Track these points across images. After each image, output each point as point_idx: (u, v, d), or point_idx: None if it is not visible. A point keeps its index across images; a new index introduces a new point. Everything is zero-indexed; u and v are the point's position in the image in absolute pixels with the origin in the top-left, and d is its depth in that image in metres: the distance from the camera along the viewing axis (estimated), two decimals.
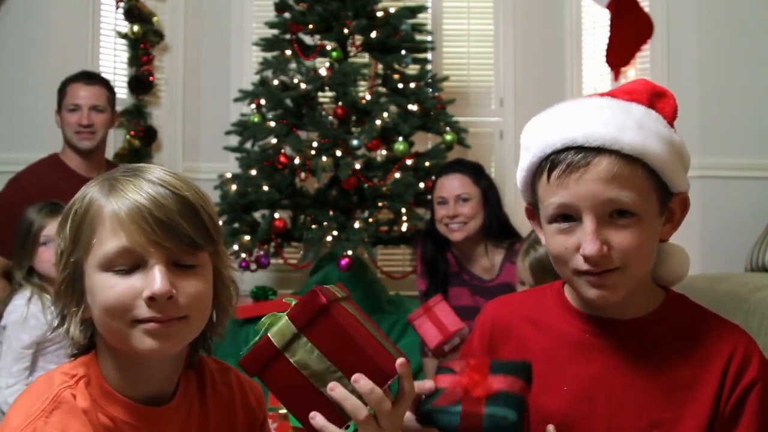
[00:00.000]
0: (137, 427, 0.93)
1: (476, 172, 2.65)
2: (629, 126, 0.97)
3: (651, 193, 0.99)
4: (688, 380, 1.01)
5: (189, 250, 0.91)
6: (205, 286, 0.94)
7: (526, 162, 1.05)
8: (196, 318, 0.93)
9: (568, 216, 1.00)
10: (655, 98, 1.05)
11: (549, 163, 1.00)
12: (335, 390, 0.90)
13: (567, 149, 0.98)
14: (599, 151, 0.96)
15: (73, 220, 0.92)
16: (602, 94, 1.07)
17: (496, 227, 2.57)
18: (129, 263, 0.89)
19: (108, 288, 0.89)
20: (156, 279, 0.88)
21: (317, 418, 0.91)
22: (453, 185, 2.59)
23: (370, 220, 3.35)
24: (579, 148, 0.97)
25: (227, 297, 1.00)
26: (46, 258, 2.20)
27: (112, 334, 0.91)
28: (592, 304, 1.05)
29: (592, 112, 1.00)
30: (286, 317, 0.92)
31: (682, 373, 1.01)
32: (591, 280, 0.99)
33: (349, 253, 3.12)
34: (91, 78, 2.92)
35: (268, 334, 0.92)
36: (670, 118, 1.04)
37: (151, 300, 0.88)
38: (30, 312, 2.15)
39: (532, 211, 1.10)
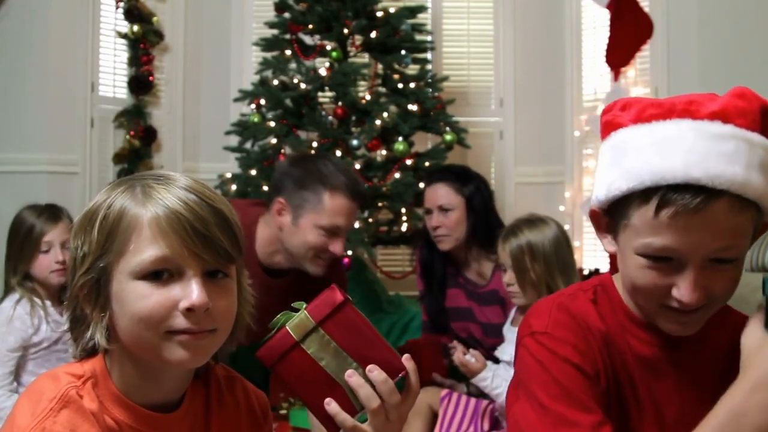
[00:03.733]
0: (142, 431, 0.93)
1: (461, 179, 2.54)
2: (755, 165, 0.89)
3: (751, 230, 0.94)
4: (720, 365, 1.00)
5: (223, 262, 0.92)
6: (233, 299, 0.95)
7: (624, 184, 0.94)
8: (223, 331, 0.94)
9: (665, 257, 0.93)
10: (766, 117, 0.94)
11: (660, 198, 0.90)
12: (353, 377, 0.94)
13: (686, 187, 0.89)
14: (721, 193, 0.88)
15: (102, 225, 0.90)
16: (714, 113, 0.93)
17: (481, 235, 2.50)
18: (165, 273, 0.89)
19: (143, 297, 0.88)
20: (195, 291, 0.88)
21: (332, 405, 0.94)
22: (435, 195, 2.52)
23: (370, 220, 3.35)
24: (700, 189, 0.88)
25: (247, 309, 1.00)
26: (46, 264, 2.15)
27: (140, 344, 0.90)
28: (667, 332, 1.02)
29: (713, 143, 0.90)
30: (305, 311, 0.96)
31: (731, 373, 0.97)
32: (678, 318, 0.97)
33: (349, 253, 3.12)
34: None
35: (287, 327, 0.96)
36: None
37: (188, 311, 0.88)
38: (16, 314, 2.10)
39: (602, 218, 1.03)
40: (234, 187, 3.41)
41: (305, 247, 2.02)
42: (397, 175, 3.32)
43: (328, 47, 3.52)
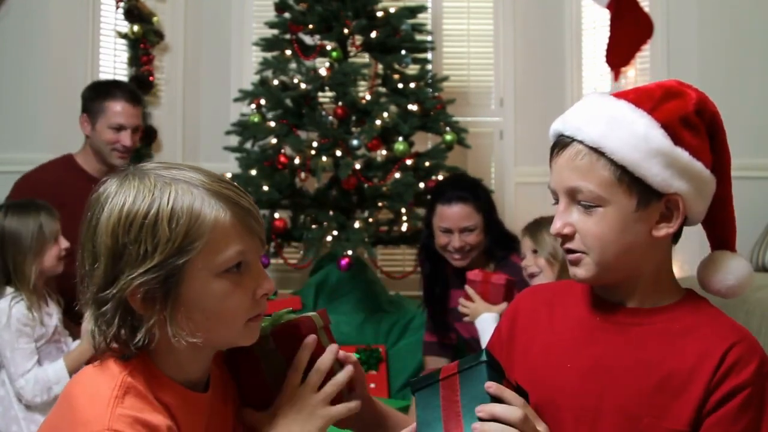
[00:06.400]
0: (186, 411, 0.95)
1: (476, 197, 2.57)
2: (597, 118, 1.02)
3: (617, 186, 1.01)
4: (679, 373, 1.01)
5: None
6: None
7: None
8: None
9: (557, 200, 1.08)
10: (666, 98, 1.05)
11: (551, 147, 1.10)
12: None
13: (559, 136, 1.07)
14: (573, 139, 1.04)
15: (176, 223, 0.90)
16: (617, 94, 1.08)
17: (496, 248, 2.56)
18: (242, 264, 0.95)
19: (227, 295, 0.93)
20: (267, 276, 0.98)
21: None
22: (456, 216, 2.51)
23: (370, 220, 3.35)
24: (562, 136, 1.06)
25: None
26: (56, 253, 2.22)
27: (217, 336, 0.96)
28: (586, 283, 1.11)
29: (581, 105, 1.08)
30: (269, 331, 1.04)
31: (675, 365, 1.01)
32: (568, 257, 1.08)
33: (349, 253, 3.12)
34: (135, 98, 2.76)
35: (311, 317, 1.08)
36: (674, 119, 1.04)
37: (263, 296, 0.97)
38: (14, 312, 2.11)
39: None
40: None
41: (106, 146, 2.67)
42: (397, 175, 3.32)
43: (328, 47, 3.52)
